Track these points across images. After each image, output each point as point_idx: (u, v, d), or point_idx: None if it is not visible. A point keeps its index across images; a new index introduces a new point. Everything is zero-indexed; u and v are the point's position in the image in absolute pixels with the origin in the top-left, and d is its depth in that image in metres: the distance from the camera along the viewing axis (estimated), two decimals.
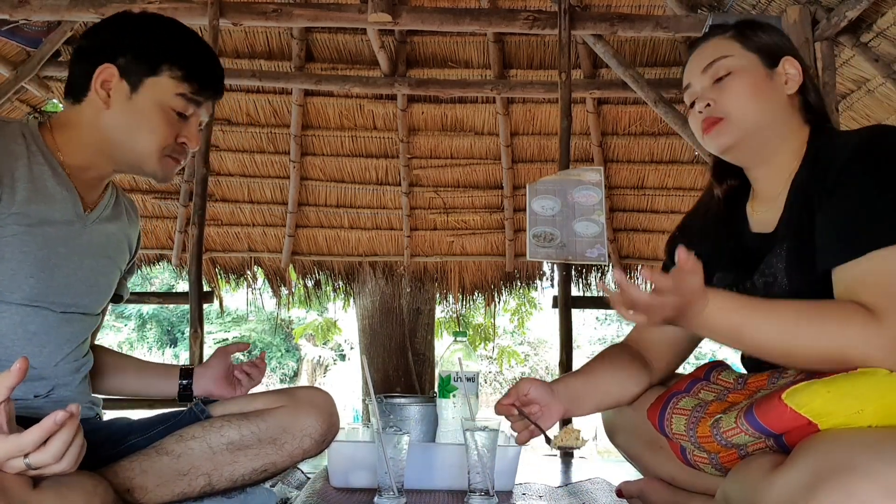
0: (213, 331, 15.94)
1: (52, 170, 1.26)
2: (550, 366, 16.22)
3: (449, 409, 1.79)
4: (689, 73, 1.32)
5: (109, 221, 1.37)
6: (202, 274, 3.71)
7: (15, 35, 4.00)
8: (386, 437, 1.45)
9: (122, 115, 1.28)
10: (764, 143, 1.23)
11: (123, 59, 1.27)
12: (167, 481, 1.25)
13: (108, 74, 1.26)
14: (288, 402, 1.39)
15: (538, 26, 3.65)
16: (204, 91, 1.32)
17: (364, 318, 5.67)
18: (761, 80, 1.22)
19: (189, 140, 1.33)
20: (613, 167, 5.02)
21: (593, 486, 1.89)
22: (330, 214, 5.27)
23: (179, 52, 1.30)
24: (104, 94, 1.27)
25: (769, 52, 1.24)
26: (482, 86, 4.54)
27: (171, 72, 1.28)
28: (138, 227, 1.50)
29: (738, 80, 1.22)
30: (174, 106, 1.29)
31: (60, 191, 1.26)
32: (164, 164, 1.32)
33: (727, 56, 1.24)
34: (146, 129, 1.28)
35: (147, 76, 1.27)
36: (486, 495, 1.47)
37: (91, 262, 1.31)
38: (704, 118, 1.26)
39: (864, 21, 3.24)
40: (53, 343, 1.25)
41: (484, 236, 5.31)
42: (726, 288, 1.25)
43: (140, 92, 1.27)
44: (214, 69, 1.36)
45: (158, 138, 1.29)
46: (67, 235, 1.26)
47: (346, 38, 4.61)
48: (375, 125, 5.00)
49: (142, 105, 1.28)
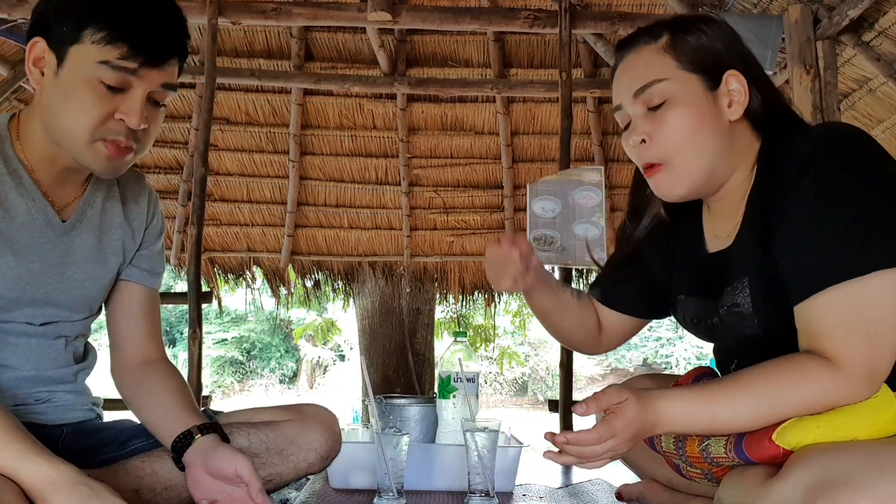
0: (211, 331, 15.93)
1: (15, 178, 1.13)
2: (551, 366, 16.23)
3: (449, 410, 1.78)
4: (619, 92, 1.13)
5: (98, 217, 1.25)
6: (201, 274, 3.70)
7: (13, 34, 3.99)
8: (385, 438, 1.44)
9: (50, 96, 1.08)
10: (713, 178, 1.10)
11: (54, 29, 1.07)
12: (175, 485, 1.23)
13: (39, 50, 1.08)
14: (295, 416, 1.37)
15: (538, 25, 3.65)
16: (135, 56, 1.05)
17: (364, 318, 5.66)
18: (703, 108, 1.06)
19: (127, 116, 1.07)
20: (614, 167, 5.01)
21: (594, 488, 1.87)
22: (329, 214, 5.26)
23: (103, 10, 1.05)
24: (38, 74, 1.09)
25: (709, 68, 1.08)
26: (482, 85, 4.53)
27: (93, 36, 1.04)
28: (147, 199, 1.34)
29: (677, 114, 1.06)
30: (102, 77, 1.05)
31: (23, 202, 1.14)
32: (95, 150, 1.08)
33: (662, 80, 1.07)
34: (70, 108, 1.06)
35: (70, 44, 1.06)
36: (486, 496, 1.46)
37: (73, 271, 1.21)
38: (641, 160, 1.12)
39: (865, 20, 3.23)
40: (41, 352, 1.21)
41: (484, 236, 5.30)
42: (698, 321, 1.19)
43: (65, 65, 1.06)
44: (152, 25, 1.08)
45: (83, 118, 1.06)
46: (41, 250, 1.16)
47: (346, 37, 4.60)
48: (375, 125, 4.99)
49: (66, 80, 1.06)
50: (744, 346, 1.13)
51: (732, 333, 1.13)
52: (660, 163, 1.08)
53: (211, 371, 16.21)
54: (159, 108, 1.14)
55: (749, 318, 1.08)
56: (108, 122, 1.07)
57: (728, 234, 1.13)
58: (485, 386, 16.00)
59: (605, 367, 17.95)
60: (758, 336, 1.08)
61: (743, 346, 1.14)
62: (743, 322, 1.09)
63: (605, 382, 17.65)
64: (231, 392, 16.49)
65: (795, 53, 3.26)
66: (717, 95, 1.07)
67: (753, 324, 1.08)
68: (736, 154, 1.09)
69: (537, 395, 16.67)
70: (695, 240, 1.21)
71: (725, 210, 1.14)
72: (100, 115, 1.06)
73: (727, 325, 1.13)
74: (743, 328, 1.10)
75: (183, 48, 1.13)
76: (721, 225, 1.16)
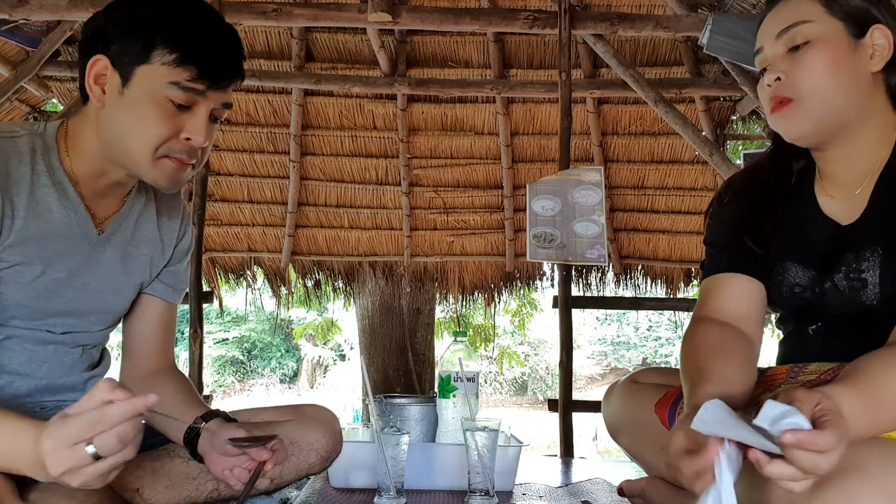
0: (212, 331, 15.94)
1: (60, 190, 1.14)
2: (550, 366, 16.23)
3: (449, 409, 1.78)
4: (763, 34, 1.14)
5: (131, 231, 1.26)
6: (202, 274, 3.71)
7: (14, 35, 3.99)
8: (386, 438, 1.45)
9: (114, 113, 1.10)
10: (841, 127, 1.08)
11: (116, 47, 1.08)
12: (176, 483, 1.23)
13: (101, 67, 1.09)
14: (295, 416, 1.37)
15: (538, 26, 3.65)
16: (203, 78, 1.09)
17: (364, 318, 5.66)
18: (843, 53, 1.06)
19: (193, 134, 1.10)
20: (613, 167, 5.01)
21: (594, 487, 1.88)
22: (330, 214, 5.26)
23: (172, 31, 1.07)
24: (98, 91, 1.10)
25: (858, 19, 1.08)
26: (482, 85, 4.53)
27: (163, 57, 1.06)
28: (181, 217, 1.35)
29: (816, 53, 1.06)
30: (170, 97, 1.08)
31: (66, 214, 1.15)
32: (160, 166, 1.11)
33: (807, 21, 1.07)
34: (137, 126, 1.08)
35: (138, 64, 1.07)
36: (486, 495, 1.47)
37: (98, 284, 1.22)
38: (772, 94, 1.10)
39: None
40: (56, 359, 1.21)
41: (484, 236, 5.30)
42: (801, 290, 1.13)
43: (131, 84, 1.08)
44: (219, 50, 1.11)
45: (150, 136, 1.08)
46: (70, 260, 1.17)
47: (346, 37, 4.60)
48: (375, 125, 5.00)
49: (133, 99, 1.08)
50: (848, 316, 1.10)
51: (841, 301, 1.09)
52: (790, 98, 1.08)
53: (212, 371, 16.22)
54: (216, 125, 1.17)
55: (871, 288, 1.05)
56: (173, 140, 1.10)
57: (848, 201, 1.11)
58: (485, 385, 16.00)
59: (604, 367, 17.95)
60: (871, 308, 1.06)
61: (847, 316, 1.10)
62: (861, 291, 1.06)
63: (604, 382, 17.64)
64: (231, 392, 16.50)
65: None
66: (861, 45, 1.08)
67: (873, 294, 1.05)
68: (868, 107, 1.08)
69: (537, 395, 16.68)
70: (806, 205, 1.17)
71: (845, 177, 1.12)
72: (167, 134, 1.09)
73: (840, 294, 1.09)
74: (858, 297, 1.07)
75: (242, 70, 1.18)
76: (840, 193, 1.13)
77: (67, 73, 4.46)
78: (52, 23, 4.03)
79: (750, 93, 3.89)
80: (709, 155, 3.75)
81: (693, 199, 5.03)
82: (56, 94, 4.65)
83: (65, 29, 4.09)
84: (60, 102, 4.69)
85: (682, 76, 4.46)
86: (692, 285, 5.28)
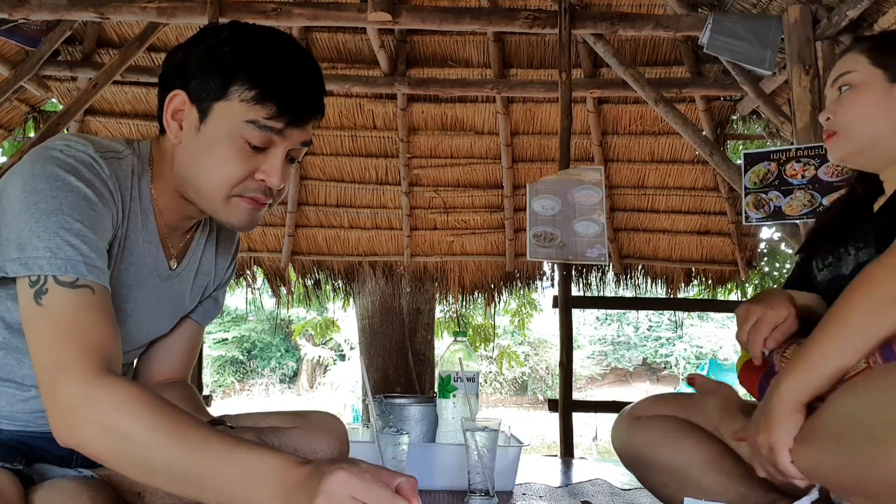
0: (212, 330, 15.94)
1: (144, 219, 1.11)
2: (550, 366, 16.24)
3: (449, 409, 1.78)
4: (828, 83, 1.40)
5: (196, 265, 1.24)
6: None
7: (14, 34, 3.99)
8: (386, 438, 1.45)
9: (189, 151, 1.05)
10: (884, 153, 1.29)
11: (195, 83, 1.04)
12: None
13: (179, 102, 1.05)
14: (300, 423, 1.36)
15: (538, 25, 3.65)
16: (282, 117, 1.03)
17: (364, 317, 5.66)
18: (879, 94, 1.28)
19: (269, 176, 1.05)
20: (614, 167, 5.01)
21: (594, 487, 1.88)
22: (330, 214, 5.27)
23: (251, 67, 1.02)
24: (176, 127, 1.06)
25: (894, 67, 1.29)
26: (482, 85, 4.53)
27: (242, 94, 1.01)
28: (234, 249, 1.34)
29: (855, 96, 1.29)
30: (246, 136, 1.02)
31: (145, 246, 1.12)
32: (234, 206, 1.06)
33: (851, 71, 1.31)
34: (211, 165, 1.04)
35: (216, 100, 1.03)
36: (486, 495, 1.46)
37: (155, 316, 1.20)
38: (825, 129, 1.36)
39: (864, 20, 3.24)
40: None
41: (484, 236, 5.30)
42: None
43: (209, 121, 1.03)
44: (300, 86, 1.05)
45: (224, 177, 1.04)
46: (139, 294, 1.14)
47: (346, 37, 4.61)
48: (375, 125, 5.00)
49: (209, 137, 1.03)
50: None
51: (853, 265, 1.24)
52: (835, 131, 1.32)
53: (211, 371, 16.23)
54: (293, 165, 1.11)
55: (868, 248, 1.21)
56: (248, 179, 1.05)
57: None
58: (485, 385, 16.01)
59: (604, 367, 17.96)
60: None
61: None
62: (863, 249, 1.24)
63: (604, 382, 17.66)
64: (231, 392, 16.51)
65: (795, 53, 3.27)
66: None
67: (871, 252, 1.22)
68: None
69: (537, 395, 16.68)
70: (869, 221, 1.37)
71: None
72: (241, 174, 1.04)
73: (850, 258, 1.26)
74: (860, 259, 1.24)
75: (323, 106, 1.10)
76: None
77: (67, 73, 4.46)
78: (52, 22, 4.03)
79: (750, 92, 3.89)
80: (709, 154, 3.75)
81: (693, 199, 5.03)
82: (56, 93, 4.65)
83: (65, 28, 4.09)
84: (60, 102, 4.69)
85: (682, 76, 4.46)
86: (692, 285, 5.29)
